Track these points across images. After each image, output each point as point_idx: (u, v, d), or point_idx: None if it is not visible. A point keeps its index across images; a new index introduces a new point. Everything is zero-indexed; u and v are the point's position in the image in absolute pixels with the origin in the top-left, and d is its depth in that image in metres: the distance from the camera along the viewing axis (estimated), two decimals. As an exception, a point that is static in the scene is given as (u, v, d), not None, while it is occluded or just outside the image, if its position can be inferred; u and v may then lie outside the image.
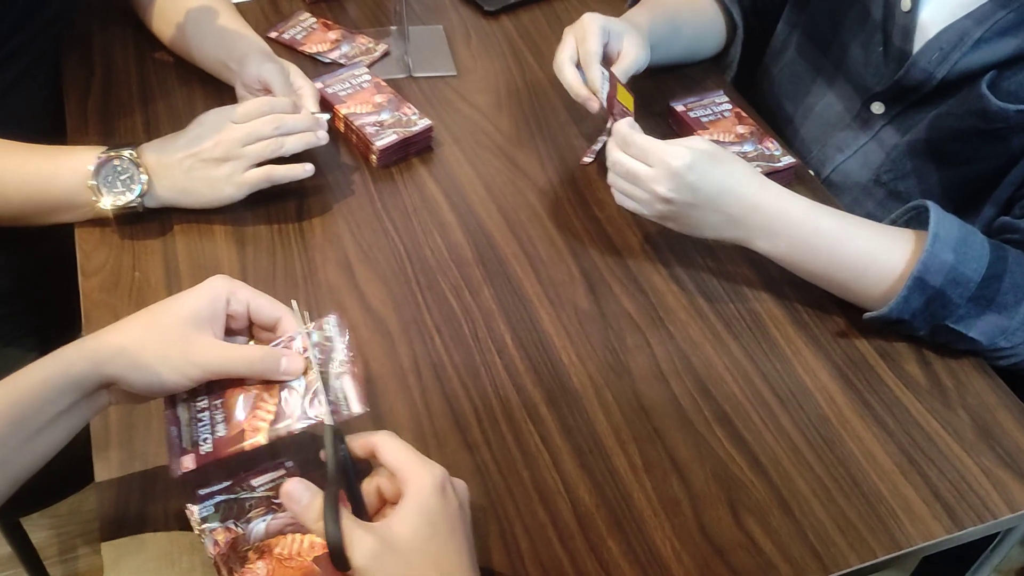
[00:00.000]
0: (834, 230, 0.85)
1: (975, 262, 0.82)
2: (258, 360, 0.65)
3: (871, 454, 0.79)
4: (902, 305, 0.83)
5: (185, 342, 0.63)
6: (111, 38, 1.17)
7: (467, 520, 0.62)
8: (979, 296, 0.82)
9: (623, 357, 0.85)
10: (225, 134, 0.89)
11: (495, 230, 0.97)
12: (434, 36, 1.22)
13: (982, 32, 0.89)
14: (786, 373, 0.85)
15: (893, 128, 1.00)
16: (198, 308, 0.64)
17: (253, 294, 0.67)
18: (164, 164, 0.90)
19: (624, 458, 0.77)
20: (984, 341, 0.83)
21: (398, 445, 0.62)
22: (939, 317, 0.83)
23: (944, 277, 0.81)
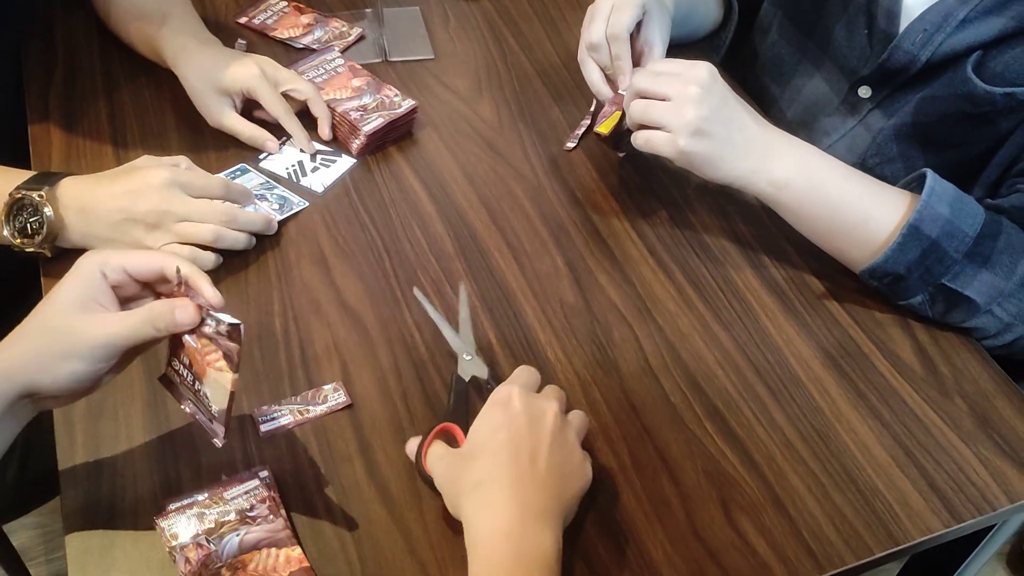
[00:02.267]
0: (842, 171, 0.85)
1: (970, 218, 0.81)
2: (152, 318, 0.62)
3: (866, 447, 0.77)
4: (897, 254, 0.81)
5: (77, 329, 0.61)
6: (74, 28, 1.12)
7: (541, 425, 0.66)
8: (974, 252, 0.80)
9: (611, 352, 0.82)
10: (166, 203, 0.82)
11: (477, 221, 0.94)
12: (410, 18, 1.19)
13: (966, 12, 0.86)
14: (778, 364, 0.83)
15: (880, 112, 0.97)
16: (76, 292, 0.62)
17: (124, 256, 0.64)
18: (88, 208, 0.81)
19: (613, 458, 0.75)
20: (981, 301, 0.81)
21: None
22: (935, 274, 0.81)
23: (940, 228, 0.80)
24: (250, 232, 0.87)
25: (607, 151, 1.02)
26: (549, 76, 1.12)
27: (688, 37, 1.14)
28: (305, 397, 0.76)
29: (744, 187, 0.86)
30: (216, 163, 0.97)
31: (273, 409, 0.75)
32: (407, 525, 0.69)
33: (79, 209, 0.81)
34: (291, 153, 0.99)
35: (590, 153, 1.02)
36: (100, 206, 0.81)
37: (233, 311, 0.82)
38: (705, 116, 0.82)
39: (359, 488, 0.71)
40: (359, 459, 0.73)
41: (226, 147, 0.99)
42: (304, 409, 0.76)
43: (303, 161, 0.98)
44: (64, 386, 0.62)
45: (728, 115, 0.83)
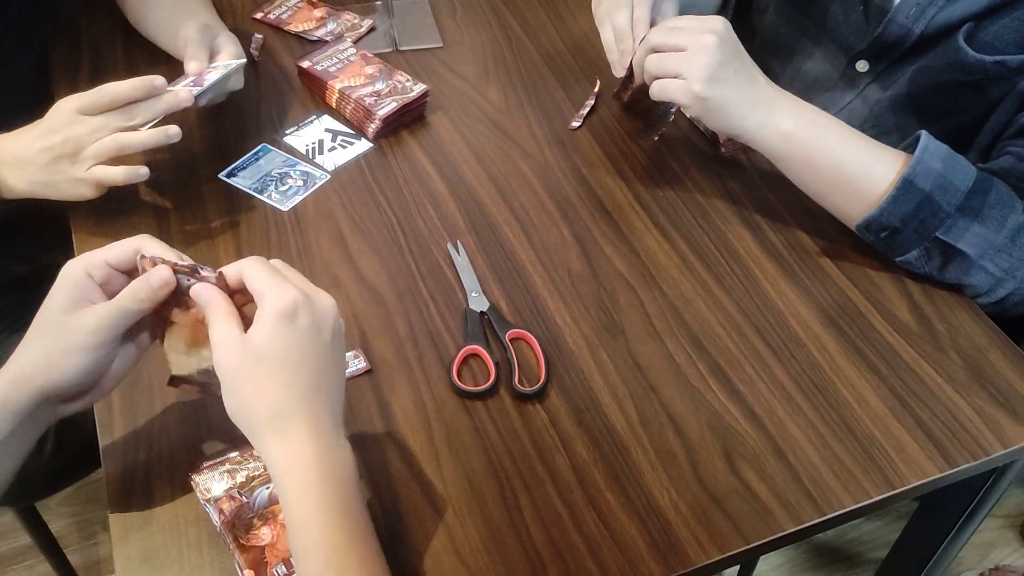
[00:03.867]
0: (843, 128, 0.87)
1: (962, 175, 0.84)
2: (133, 292, 0.65)
3: (864, 399, 0.80)
4: (892, 206, 0.84)
5: (73, 325, 0.64)
6: (98, 29, 1.17)
7: (320, 341, 0.63)
8: (966, 206, 0.83)
9: (616, 317, 0.86)
10: (72, 128, 0.83)
11: (486, 198, 0.98)
12: (419, 8, 1.23)
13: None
14: (778, 325, 0.86)
15: (877, 85, 1.00)
16: (65, 294, 0.65)
17: (103, 252, 0.67)
18: (19, 158, 0.85)
19: (620, 414, 0.78)
20: (973, 254, 0.84)
21: (259, 269, 0.63)
22: (929, 227, 0.84)
23: (933, 182, 0.83)
24: (156, 119, 0.86)
25: (611, 130, 1.06)
26: (553, 60, 1.16)
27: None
28: (327, 364, 0.81)
29: (752, 138, 0.88)
30: (235, 145, 1.02)
31: (297, 375, 0.80)
32: (426, 479, 0.73)
33: (12, 162, 0.85)
34: (314, 131, 1.03)
35: (594, 131, 1.06)
36: (27, 153, 0.85)
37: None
38: (720, 62, 0.84)
39: (380, 446, 0.76)
40: (379, 419, 0.77)
41: (246, 131, 1.03)
42: (326, 375, 0.80)
43: (323, 140, 1.02)
44: (76, 380, 0.65)
45: (740, 66, 0.86)
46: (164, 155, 1.01)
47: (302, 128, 1.04)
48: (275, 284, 0.62)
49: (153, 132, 0.85)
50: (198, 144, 1.02)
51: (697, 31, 0.86)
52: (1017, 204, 0.84)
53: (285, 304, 0.61)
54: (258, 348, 0.61)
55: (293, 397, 0.61)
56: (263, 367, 0.61)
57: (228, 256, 0.90)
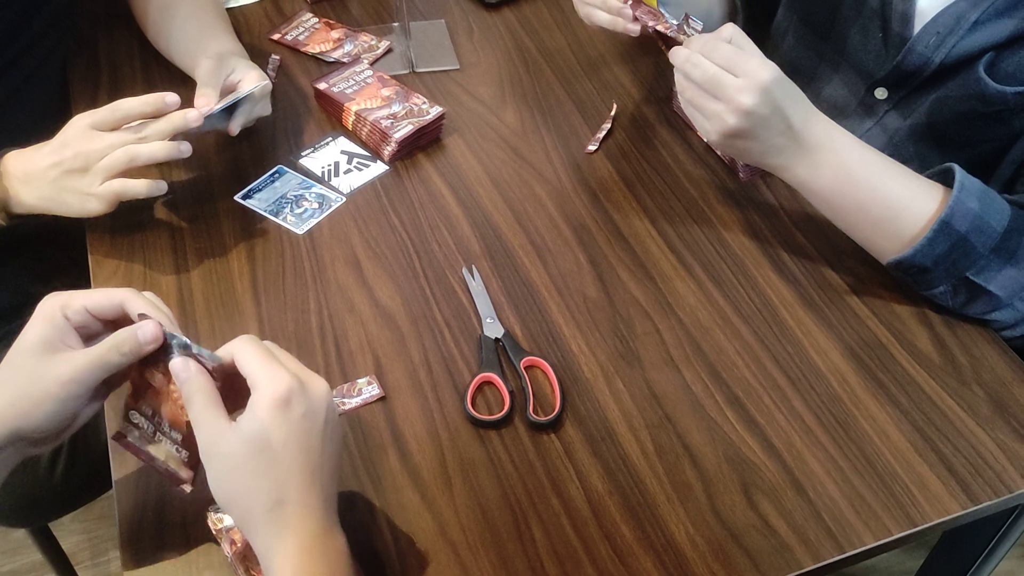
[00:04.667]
0: (877, 164, 0.85)
1: (998, 214, 0.82)
2: (117, 345, 0.63)
3: (885, 433, 0.79)
4: (927, 248, 0.82)
5: (46, 372, 0.62)
6: (117, 46, 1.18)
7: (315, 430, 0.61)
8: (1001, 248, 0.82)
9: (633, 344, 0.85)
10: (84, 143, 0.84)
11: (502, 222, 0.97)
12: (436, 31, 1.23)
13: (978, 14, 0.88)
14: (797, 355, 0.85)
15: (896, 113, 0.99)
16: (39, 334, 0.63)
17: (84, 296, 0.65)
18: (30, 173, 0.86)
19: (636, 445, 0.77)
20: (1003, 296, 0.83)
21: (252, 351, 0.61)
22: (961, 267, 0.83)
23: (970, 223, 0.81)
24: (168, 136, 0.86)
25: (627, 154, 1.05)
26: (570, 83, 1.15)
27: None
28: (341, 390, 0.80)
29: (777, 174, 0.88)
30: (253, 167, 1.02)
31: (310, 401, 0.79)
32: (438, 509, 0.73)
33: (22, 177, 0.86)
34: (330, 153, 1.03)
35: (611, 155, 1.05)
36: (37, 168, 0.86)
37: (271, 311, 0.87)
38: (750, 126, 0.82)
39: (392, 475, 0.75)
40: (392, 448, 0.77)
41: (263, 152, 1.03)
42: (340, 402, 0.79)
43: (339, 162, 1.02)
44: (45, 427, 0.63)
45: (774, 122, 0.82)
46: (181, 175, 1.01)
47: (318, 150, 1.04)
48: (269, 369, 0.60)
49: (163, 144, 0.86)
50: (215, 165, 1.02)
51: (731, 96, 0.81)
52: None
53: (280, 392, 0.59)
54: (253, 438, 0.58)
55: (290, 488, 0.59)
56: (260, 458, 0.59)
57: (243, 279, 0.90)
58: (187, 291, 0.89)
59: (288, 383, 0.59)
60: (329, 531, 0.61)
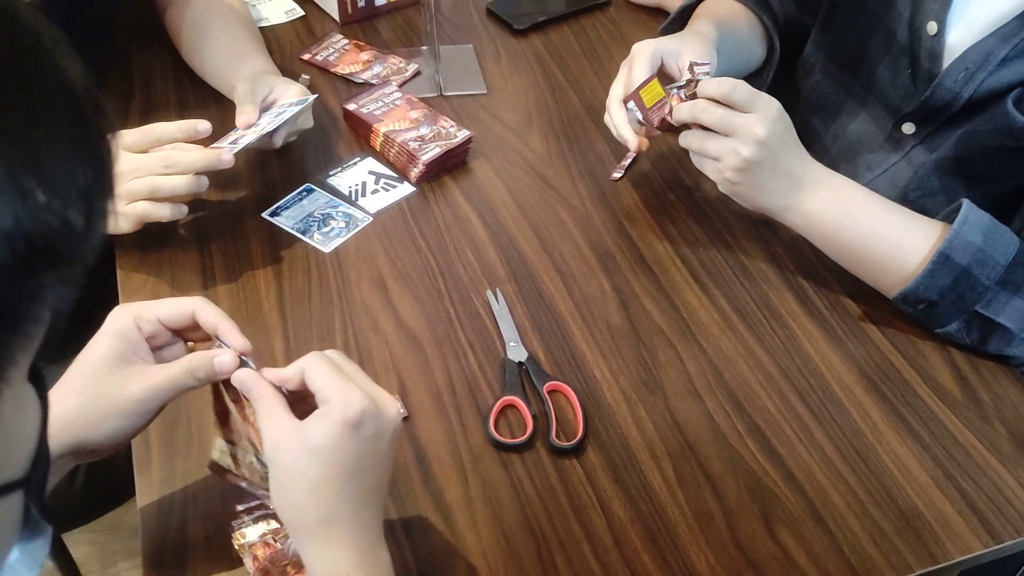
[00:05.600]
0: (875, 203, 0.88)
1: (1003, 247, 0.83)
2: (193, 370, 0.63)
3: (906, 467, 0.79)
4: (928, 280, 0.84)
5: (120, 387, 0.62)
6: (151, 62, 1.20)
7: (380, 451, 0.60)
8: (1007, 280, 0.83)
9: (656, 372, 0.86)
10: None
11: (527, 246, 0.98)
12: (464, 55, 1.24)
13: (1007, 51, 0.89)
14: (819, 387, 0.85)
15: (923, 147, 0.99)
16: (112, 347, 0.63)
17: (156, 307, 0.65)
18: None
19: (658, 473, 0.77)
20: (1015, 328, 0.84)
21: (322, 368, 0.60)
22: (969, 301, 0.84)
23: (971, 256, 0.83)
24: (197, 170, 0.87)
25: (652, 182, 1.06)
26: (595, 111, 1.16)
27: (736, 74, 1.18)
28: (365, 409, 0.81)
29: (780, 218, 0.91)
30: (281, 184, 1.03)
31: (334, 420, 0.79)
32: (460, 531, 0.73)
33: None
34: (358, 173, 1.04)
35: (636, 183, 1.06)
36: None
37: (297, 329, 0.88)
38: (755, 165, 0.86)
39: (415, 496, 0.75)
40: (415, 469, 0.77)
41: (291, 170, 1.05)
42: (364, 420, 0.80)
43: (366, 182, 1.03)
44: (109, 442, 0.64)
45: (777, 162, 0.87)
46: (209, 192, 1.00)
47: (346, 170, 1.05)
48: (342, 389, 0.59)
49: (185, 179, 0.87)
50: (243, 182, 1.04)
51: (744, 129, 0.85)
52: None
53: (354, 414, 0.58)
54: (318, 451, 0.58)
55: (345, 506, 0.59)
56: (319, 471, 0.58)
57: (269, 297, 0.91)
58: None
59: (363, 404, 0.59)
60: (376, 547, 0.61)
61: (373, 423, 0.59)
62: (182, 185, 0.87)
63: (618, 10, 1.34)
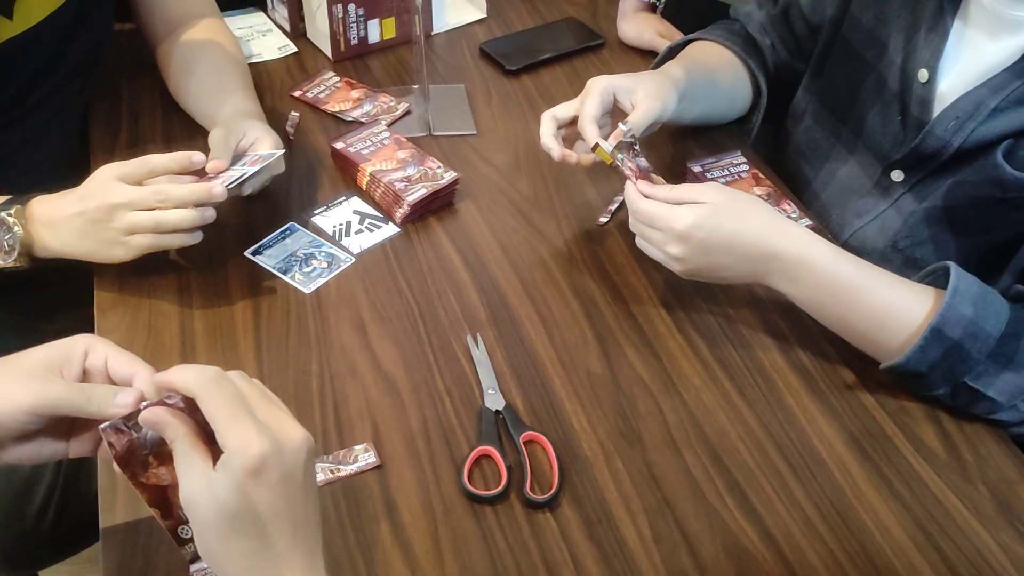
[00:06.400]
0: (855, 279, 0.86)
1: (994, 318, 0.82)
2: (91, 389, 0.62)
3: (886, 527, 0.78)
4: (919, 355, 0.82)
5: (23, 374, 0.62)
6: (138, 94, 1.20)
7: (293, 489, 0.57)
8: (998, 353, 0.82)
9: (635, 424, 0.84)
10: (108, 196, 0.85)
11: (509, 290, 0.97)
12: (455, 95, 1.24)
13: (998, 102, 0.88)
14: (800, 443, 0.84)
15: (912, 196, 0.99)
16: (51, 354, 0.63)
17: (114, 350, 0.64)
18: (55, 219, 0.87)
19: (633, 529, 0.76)
20: (1003, 401, 0.83)
21: (218, 398, 0.56)
22: (958, 373, 0.83)
23: (963, 330, 0.81)
24: (190, 205, 0.87)
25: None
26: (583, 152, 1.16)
27: (721, 117, 1.18)
28: (337, 456, 0.79)
29: (758, 284, 0.91)
30: (265, 222, 1.02)
31: (306, 466, 0.78)
32: (429, 586, 0.71)
33: (47, 223, 0.88)
34: (343, 212, 1.04)
35: (622, 228, 1.05)
36: (62, 216, 0.87)
37: (273, 370, 0.87)
38: (689, 267, 0.88)
39: (383, 547, 0.74)
40: (385, 519, 0.76)
41: (276, 208, 1.04)
42: (335, 468, 0.78)
43: (351, 222, 1.03)
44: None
45: (712, 250, 0.86)
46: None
47: (331, 209, 1.05)
48: (238, 431, 0.55)
49: (188, 213, 0.87)
50: (227, 217, 1.03)
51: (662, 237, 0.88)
52: None
53: (252, 462, 0.54)
54: (222, 506, 0.55)
55: (269, 555, 0.56)
56: (228, 525, 0.55)
57: (246, 337, 0.90)
58: (190, 344, 0.89)
59: (260, 449, 0.55)
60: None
61: (277, 466, 0.55)
62: (187, 219, 0.87)
63: (611, 52, 1.35)
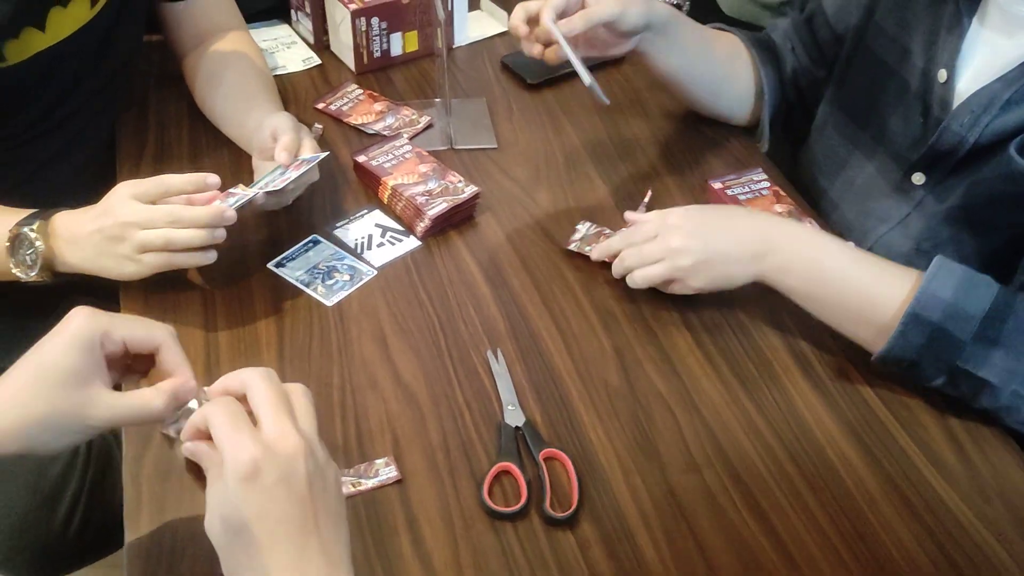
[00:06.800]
0: (842, 266, 0.89)
1: (977, 300, 0.83)
2: (151, 400, 0.64)
3: (905, 548, 0.78)
4: (901, 341, 0.84)
5: (79, 407, 0.62)
6: (165, 106, 1.21)
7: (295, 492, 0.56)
8: (983, 335, 0.83)
9: (653, 438, 0.85)
10: (123, 214, 0.87)
11: (529, 304, 0.98)
12: (477, 108, 1.25)
13: (1010, 94, 0.89)
14: (819, 461, 0.84)
15: (933, 198, 0.99)
16: (74, 363, 0.61)
17: (124, 327, 0.64)
18: (75, 235, 0.89)
19: (652, 547, 0.76)
20: (998, 383, 0.83)
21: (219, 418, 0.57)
22: (948, 356, 0.84)
23: (942, 312, 0.83)
24: (202, 226, 0.88)
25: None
26: (604, 166, 1.17)
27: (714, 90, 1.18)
28: (358, 470, 0.80)
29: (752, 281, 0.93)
30: (288, 234, 1.04)
31: (327, 479, 0.79)
32: (448, 600, 0.72)
33: (69, 238, 0.90)
34: (364, 225, 1.05)
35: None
36: (82, 232, 0.89)
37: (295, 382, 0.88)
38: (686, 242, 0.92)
39: (404, 561, 0.74)
40: (406, 533, 0.76)
41: (299, 220, 1.05)
42: (356, 482, 0.79)
43: (373, 235, 1.04)
44: (59, 451, 0.65)
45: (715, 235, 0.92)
46: (217, 240, 1.03)
47: (353, 222, 1.06)
48: (229, 441, 0.56)
49: (198, 232, 0.88)
50: (251, 230, 1.04)
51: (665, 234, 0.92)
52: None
53: (243, 466, 0.54)
54: (224, 518, 0.55)
55: (276, 564, 0.55)
56: (237, 539, 0.55)
57: (269, 349, 0.91)
58: (214, 356, 0.90)
59: (249, 453, 0.55)
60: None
61: (272, 468, 0.55)
62: (197, 238, 0.88)
63: (631, 66, 1.35)
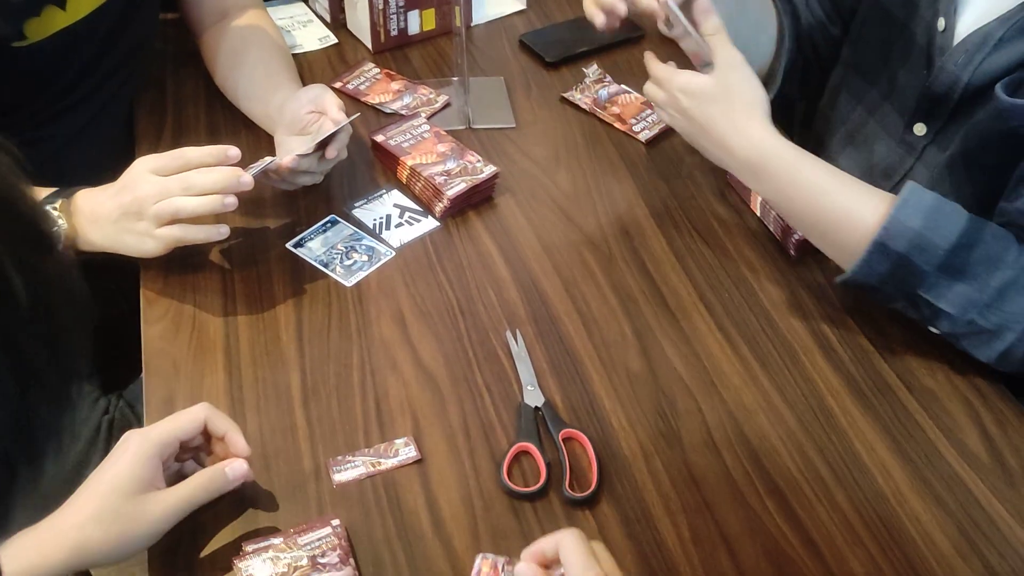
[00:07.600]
0: (815, 182, 0.89)
1: (945, 230, 0.83)
2: (205, 485, 0.70)
3: (928, 535, 0.77)
4: (865, 269, 0.85)
5: (139, 512, 0.67)
6: (183, 85, 1.21)
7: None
8: (947, 265, 0.83)
9: (674, 423, 0.84)
10: (140, 189, 0.86)
11: (548, 287, 0.97)
12: (494, 87, 1.24)
13: (1003, 32, 0.87)
14: (842, 446, 0.83)
15: (936, 147, 0.98)
16: (134, 474, 0.68)
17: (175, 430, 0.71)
18: (96, 213, 0.88)
19: (672, 530, 0.76)
20: (955, 312, 0.83)
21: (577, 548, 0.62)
22: (910, 285, 0.84)
23: (908, 243, 0.83)
24: (216, 190, 0.86)
25: (678, 224, 1.04)
26: (624, 147, 1.15)
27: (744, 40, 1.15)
28: (378, 450, 0.80)
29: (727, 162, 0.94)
30: (306, 214, 1.03)
31: (347, 460, 0.79)
32: (468, 581, 0.72)
33: (90, 216, 0.89)
34: (383, 205, 1.04)
35: (662, 226, 1.05)
36: (103, 209, 0.88)
37: (314, 363, 0.88)
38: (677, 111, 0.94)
39: (424, 541, 0.74)
40: (425, 513, 0.76)
41: (317, 200, 1.05)
42: (376, 462, 0.79)
43: (391, 215, 1.03)
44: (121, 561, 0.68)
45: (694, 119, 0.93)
46: (235, 219, 1.01)
47: (371, 202, 1.05)
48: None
49: (207, 199, 0.87)
50: (269, 210, 1.04)
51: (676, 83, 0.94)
52: (1007, 257, 0.82)
53: None
54: None
55: None
56: None
57: (288, 329, 0.91)
58: (233, 337, 0.90)
59: None
60: None
61: None
62: (205, 205, 0.87)
63: (651, 44, 1.33)
